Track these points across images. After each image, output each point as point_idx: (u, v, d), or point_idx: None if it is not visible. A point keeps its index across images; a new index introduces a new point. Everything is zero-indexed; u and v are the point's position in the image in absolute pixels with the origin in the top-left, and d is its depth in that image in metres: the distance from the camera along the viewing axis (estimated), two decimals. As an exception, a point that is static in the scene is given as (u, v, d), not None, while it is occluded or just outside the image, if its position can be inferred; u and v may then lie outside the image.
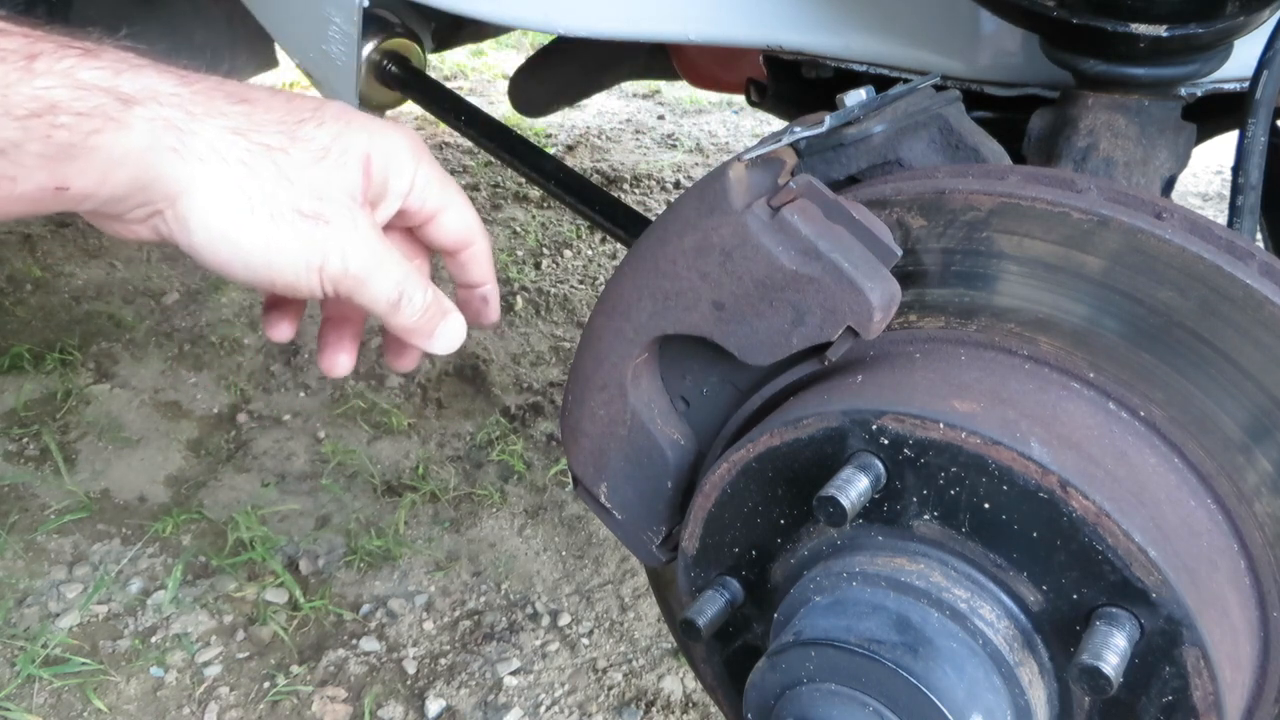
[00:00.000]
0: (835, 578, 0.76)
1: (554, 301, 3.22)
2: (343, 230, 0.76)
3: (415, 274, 0.82)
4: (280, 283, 0.76)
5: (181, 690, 1.92)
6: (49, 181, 0.66)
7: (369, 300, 0.80)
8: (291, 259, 0.75)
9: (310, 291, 0.77)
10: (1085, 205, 0.75)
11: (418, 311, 0.83)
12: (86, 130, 0.66)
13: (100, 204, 0.70)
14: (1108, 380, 0.76)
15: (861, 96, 0.86)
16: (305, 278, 0.76)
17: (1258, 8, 0.91)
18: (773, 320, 0.78)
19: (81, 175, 0.67)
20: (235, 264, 0.74)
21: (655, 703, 1.93)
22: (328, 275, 0.76)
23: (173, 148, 0.70)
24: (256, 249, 0.74)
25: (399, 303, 0.81)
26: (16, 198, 0.66)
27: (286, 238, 0.74)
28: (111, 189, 0.69)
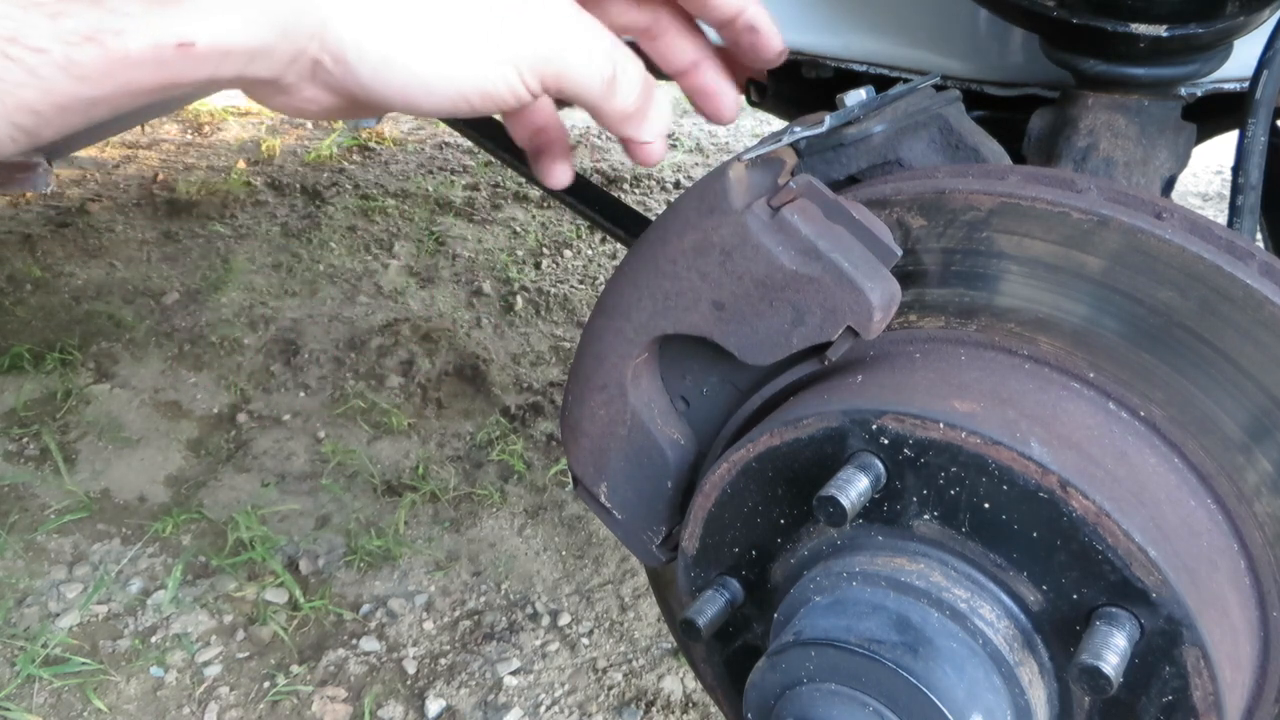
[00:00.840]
0: (835, 578, 0.76)
1: (554, 301, 3.22)
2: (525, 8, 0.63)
3: (624, 46, 0.68)
4: (474, 96, 0.63)
5: (181, 690, 1.92)
6: (166, 35, 0.55)
7: (579, 83, 0.66)
8: (477, 62, 0.62)
9: (512, 95, 0.64)
10: (1085, 205, 0.75)
11: (636, 87, 0.69)
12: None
13: (244, 65, 0.58)
14: (1108, 380, 0.76)
15: (861, 96, 0.86)
16: (501, 79, 0.63)
17: (1258, 8, 0.91)
18: (773, 320, 0.78)
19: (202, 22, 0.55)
20: (414, 90, 0.62)
21: (655, 703, 1.93)
22: (526, 66, 0.63)
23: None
24: (432, 64, 0.61)
25: (614, 80, 0.67)
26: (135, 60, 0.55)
27: (463, 37, 0.62)
28: (247, 37, 0.57)
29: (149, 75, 0.56)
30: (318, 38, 0.59)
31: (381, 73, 0.61)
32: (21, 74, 0.53)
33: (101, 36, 0.54)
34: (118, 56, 0.54)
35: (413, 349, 2.91)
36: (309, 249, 3.44)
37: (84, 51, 0.53)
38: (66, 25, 0.53)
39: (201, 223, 3.57)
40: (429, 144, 4.30)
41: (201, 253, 3.38)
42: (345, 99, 0.63)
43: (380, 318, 3.06)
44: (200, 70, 0.57)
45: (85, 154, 3.95)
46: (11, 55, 0.52)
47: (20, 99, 0.53)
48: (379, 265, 3.37)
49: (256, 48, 0.58)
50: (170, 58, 0.56)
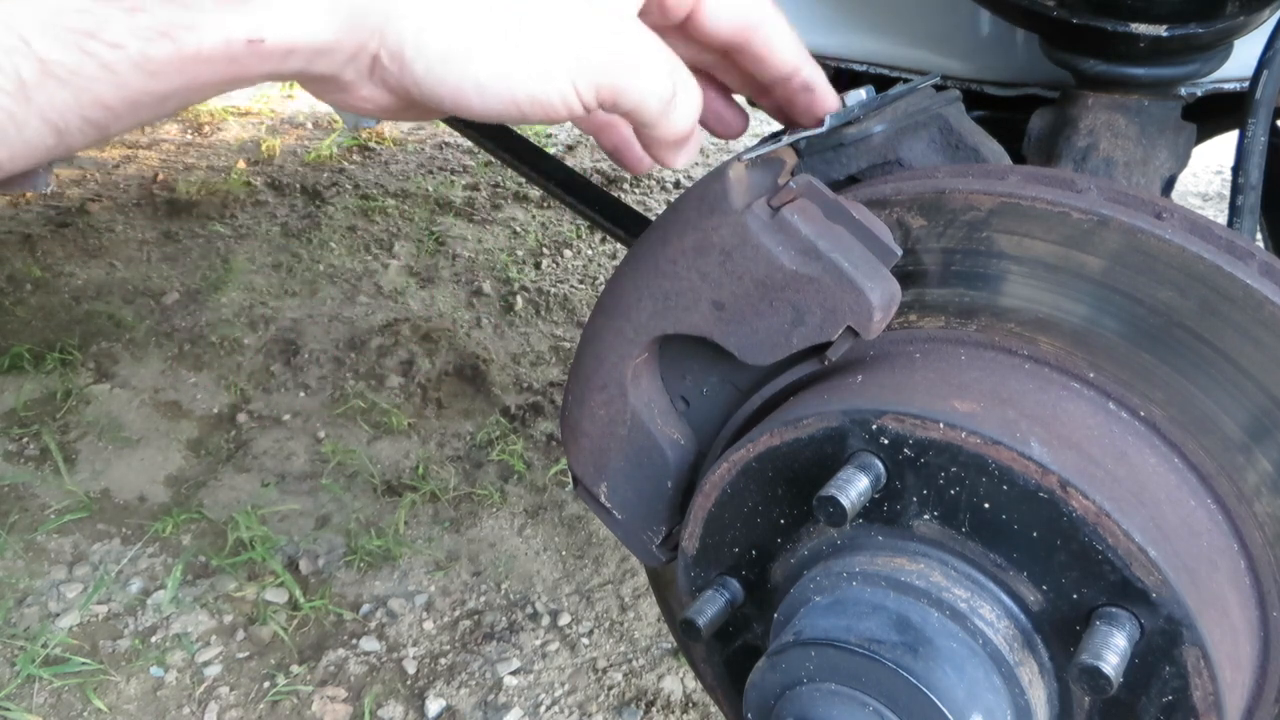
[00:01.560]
0: (835, 578, 0.76)
1: (554, 301, 3.22)
2: (589, 21, 0.62)
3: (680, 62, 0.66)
4: (526, 103, 0.62)
5: (181, 690, 1.92)
6: (237, 31, 0.55)
7: (637, 101, 0.64)
8: (534, 69, 0.61)
9: (565, 106, 0.63)
10: (1085, 205, 0.75)
11: (694, 108, 0.67)
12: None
13: (308, 61, 0.59)
14: (1108, 380, 0.76)
15: (861, 96, 0.86)
16: (555, 89, 0.62)
17: (1258, 8, 0.91)
18: (772, 320, 0.78)
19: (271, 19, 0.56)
20: (467, 89, 0.61)
21: (655, 703, 1.93)
22: (584, 79, 0.62)
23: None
24: (488, 66, 0.60)
25: (673, 101, 0.65)
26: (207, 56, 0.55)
27: (523, 42, 0.61)
28: (313, 34, 0.57)
29: (218, 71, 0.57)
30: (379, 33, 0.59)
31: (436, 70, 0.60)
32: (96, 69, 0.53)
33: (175, 32, 0.54)
34: (190, 53, 0.55)
35: (413, 349, 2.91)
36: (309, 249, 3.44)
37: (158, 47, 0.54)
38: (142, 21, 0.53)
39: (201, 223, 3.57)
40: (429, 144, 4.30)
41: (201, 253, 3.38)
42: (401, 97, 0.63)
43: (380, 318, 3.06)
44: (265, 66, 0.58)
45: (85, 154, 3.95)
46: (89, 50, 0.53)
47: (95, 94, 0.54)
48: (379, 265, 3.37)
49: (321, 45, 0.58)
50: (240, 54, 0.56)
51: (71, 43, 0.53)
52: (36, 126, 0.54)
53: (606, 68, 0.63)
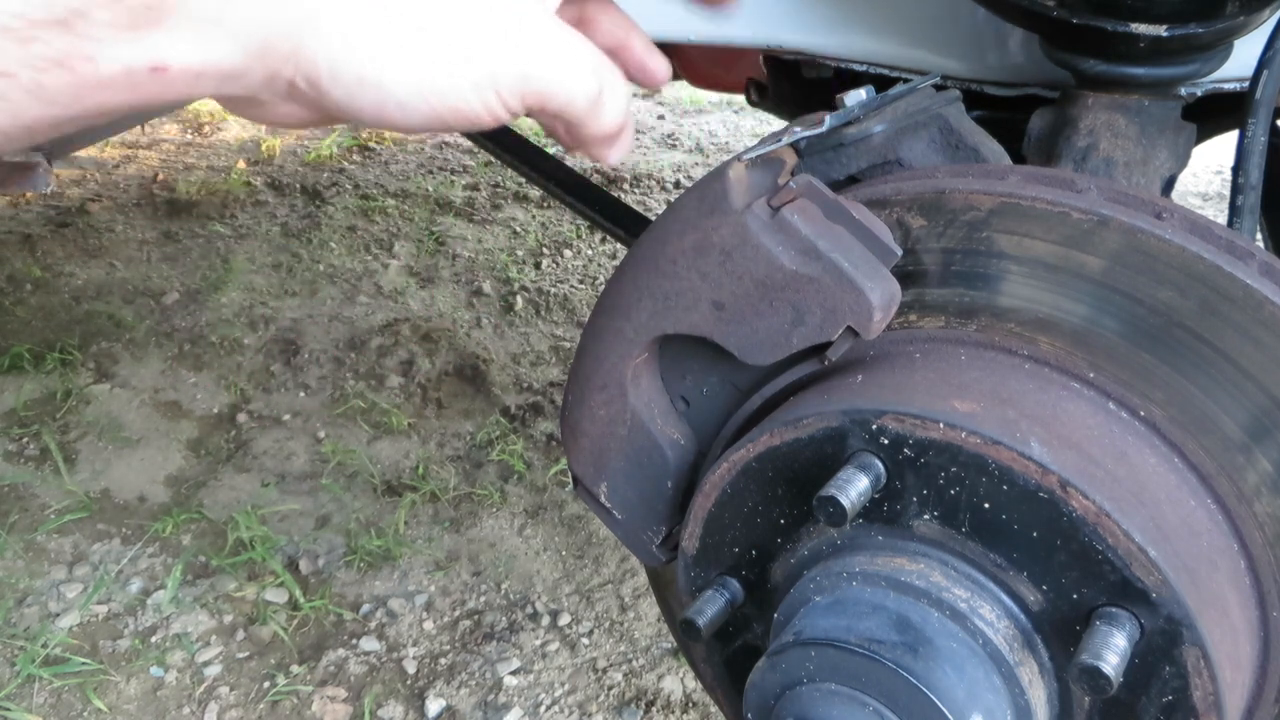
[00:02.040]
0: (835, 578, 0.76)
1: (554, 301, 3.22)
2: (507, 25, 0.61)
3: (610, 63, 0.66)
4: (449, 115, 0.61)
5: (181, 690, 1.92)
6: (138, 59, 0.54)
7: (563, 102, 0.64)
8: (454, 82, 0.60)
9: (490, 114, 0.62)
10: (1085, 205, 0.75)
11: (622, 103, 0.66)
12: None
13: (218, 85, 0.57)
14: (1108, 380, 0.76)
15: (861, 96, 0.86)
16: (478, 99, 0.61)
17: (1258, 8, 0.91)
18: (772, 320, 0.78)
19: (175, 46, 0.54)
20: (389, 109, 0.60)
21: (655, 703, 1.93)
22: (506, 86, 0.61)
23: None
24: (404, 82, 0.59)
25: (600, 97, 0.65)
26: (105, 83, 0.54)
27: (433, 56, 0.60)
28: (221, 60, 0.56)
29: (120, 96, 0.55)
30: (291, 60, 0.59)
31: (355, 92, 0.60)
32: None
33: (72, 62, 0.53)
34: (89, 81, 0.53)
35: (413, 349, 2.91)
36: (309, 249, 3.44)
37: (53, 76, 0.53)
38: (36, 51, 0.52)
39: (201, 223, 3.57)
40: (429, 144, 4.30)
41: (201, 253, 3.38)
42: (321, 114, 0.63)
43: (380, 318, 3.06)
44: (173, 90, 0.56)
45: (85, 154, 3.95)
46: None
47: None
48: (379, 265, 3.37)
49: (230, 70, 0.57)
50: (142, 80, 0.55)
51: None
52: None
53: (529, 72, 0.62)
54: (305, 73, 0.59)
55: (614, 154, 0.71)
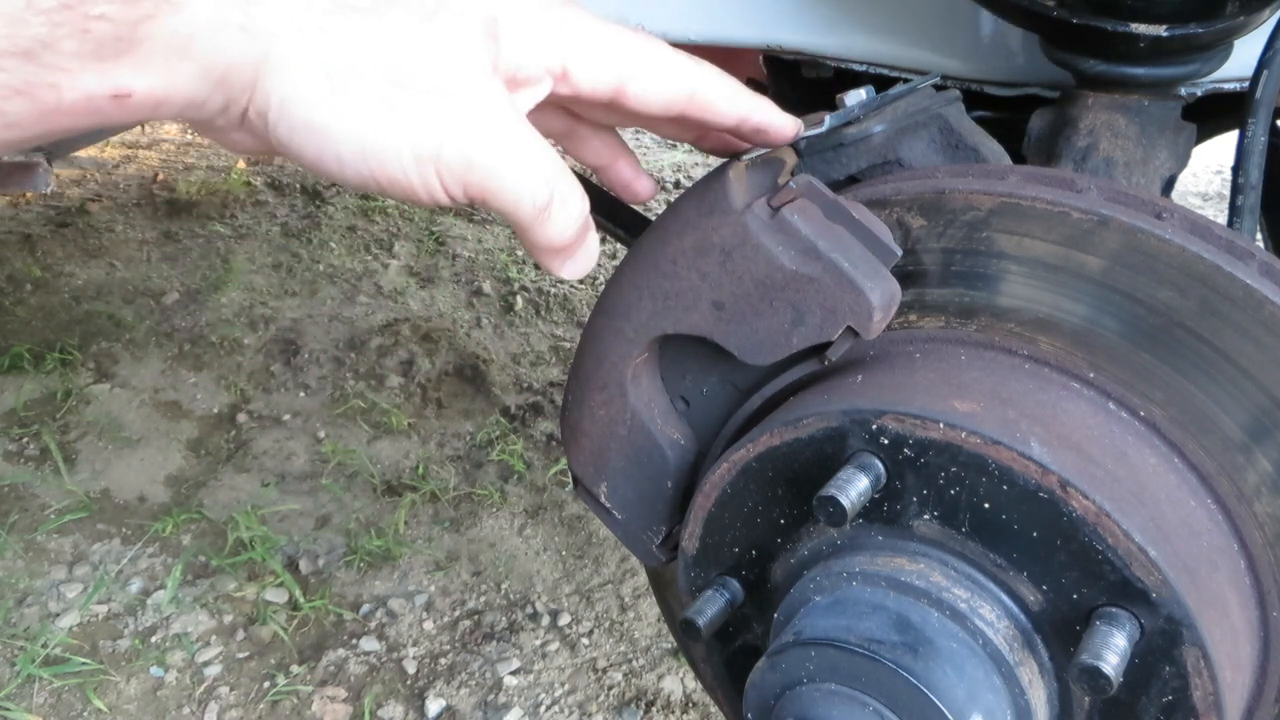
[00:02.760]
0: (835, 578, 0.76)
1: (554, 301, 3.22)
2: (461, 106, 0.60)
3: (567, 170, 0.64)
4: (386, 182, 0.61)
5: (181, 690, 1.92)
6: (102, 87, 0.54)
7: (507, 203, 0.63)
8: (392, 145, 0.60)
9: (427, 193, 0.61)
10: (1085, 205, 0.75)
11: (574, 220, 0.66)
12: (133, 18, 0.53)
13: (179, 110, 0.58)
14: (1108, 380, 0.76)
15: (861, 96, 0.86)
16: (415, 170, 0.60)
17: (1258, 8, 0.91)
18: (772, 320, 0.78)
19: (140, 75, 0.54)
20: (327, 158, 0.60)
21: (655, 703, 1.93)
22: (446, 167, 0.60)
23: (240, 25, 0.56)
24: (347, 135, 0.59)
25: (548, 207, 0.64)
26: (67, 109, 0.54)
27: (381, 117, 0.59)
28: (183, 89, 0.56)
29: (80, 120, 0.55)
30: (248, 91, 0.59)
31: (299, 136, 0.60)
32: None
33: (35, 90, 0.53)
34: (50, 107, 0.53)
35: (413, 349, 2.91)
36: (309, 249, 3.44)
37: (15, 104, 0.53)
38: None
39: (201, 223, 3.57)
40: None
41: (201, 253, 3.38)
42: (266, 147, 0.63)
43: (380, 318, 3.06)
44: (133, 115, 0.57)
45: (85, 154, 3.95)
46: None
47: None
48: (379, 265, 3.37)
49: (191, 97, 0.57)
50: (104, 106, 0.55)
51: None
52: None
53: (474, 164, 0.61)
54: (258, 106, 0.59)
55: (565, 269, 0.70)
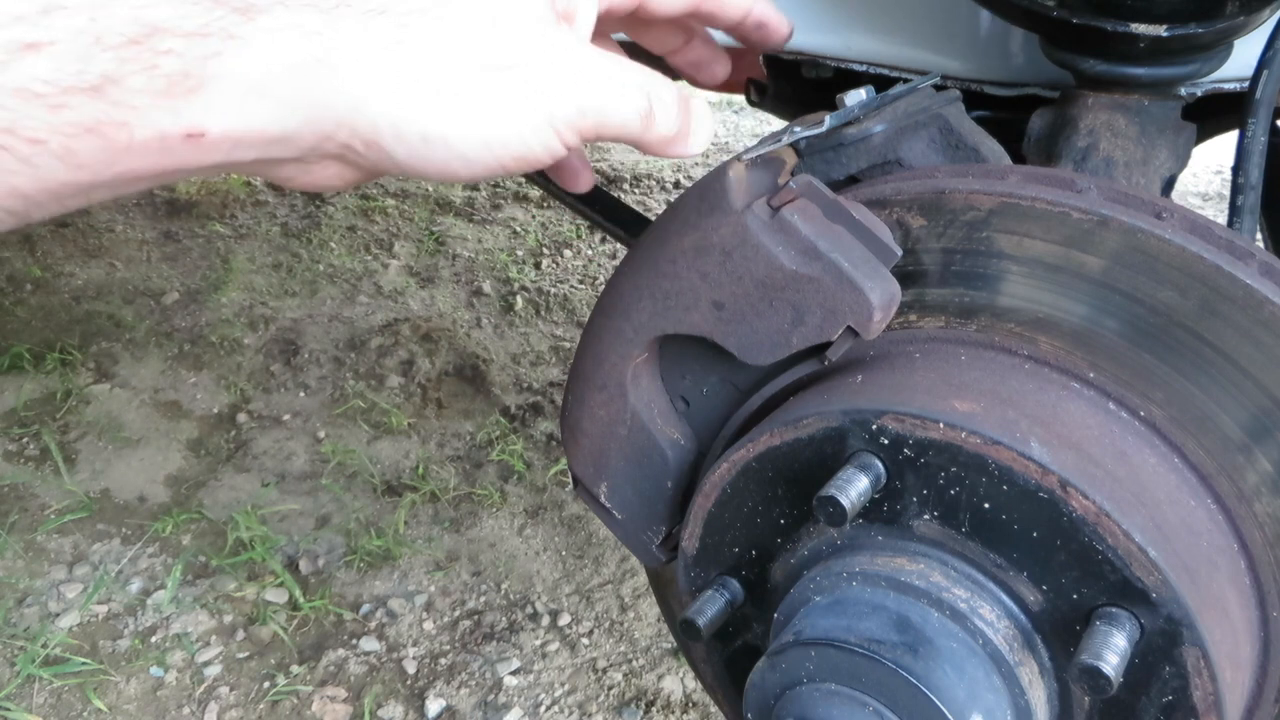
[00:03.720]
0: (835, 578, 0.76)
1: (554, 301, 3.22)
2: (552, 64, 0.62)
3: (652, 73, 0.67)
4: (513, 161, 0.63)
5: (181, 690, 1.92)
6: (174, 126, 0.54)
7: (617, 128, 0.66)
8: (514, 128, 0.61)
9: (550, 153, 0.64)
10: (1085, 205, 0.75)
11: (673, 113, 0.69)
12: (201, 54, 0.53)
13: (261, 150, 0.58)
14: (1108, 380, 0.76)
15: (861, 96, 0.86)
16: (536, 140, 0.63)
17: (1258, 8, 0.91)
18: (772, 320, 0.78)
19: (214, 114, 0.54)
20: (455, 164, 0.61)
21: (655, 703, 1.93)
22: (563, 123, 0.63)
23: (317, 59, 0.56)
24: (468, 135, 0.60)
25: (651, 113, 0.67)
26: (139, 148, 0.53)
27: (494, 106, 0.60)
28: (263, 128, 0.56)
29: (152, 162, 0.55)
30: (347, 124, 0.59)
31: (419, 151, 0.60)
32: (14, 162, 0.51)
33: (104, 128, 0.52)
34: (120, 146, 0.53)
35: (413, 349, 2.91)
36: (309, 249, 3.44)
37: (83, 142, 0.52)
38: (67, 117, 0.51)
39: (201, 223, 3.57)
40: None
41: (201, 253, 3.38)
42: (368, 174, 0.63)
43: (380, 318, 3.06)
44: (210, 157, 0.56)
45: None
46: (5, 145, 0.51)
47: (11, 185, 0.52)
48: (379, 265, 3.37)
49: (276, 135, 0.57)
50: (176, 146, 0.54)
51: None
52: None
53: (583, 105, 0.63)
54: (364, 136, 0.59)
55: (686, 147, 0.72)
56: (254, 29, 0.54)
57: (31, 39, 0.50)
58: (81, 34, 0.51)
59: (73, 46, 0.51)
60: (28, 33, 0.50)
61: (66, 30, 0.51)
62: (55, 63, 0.50)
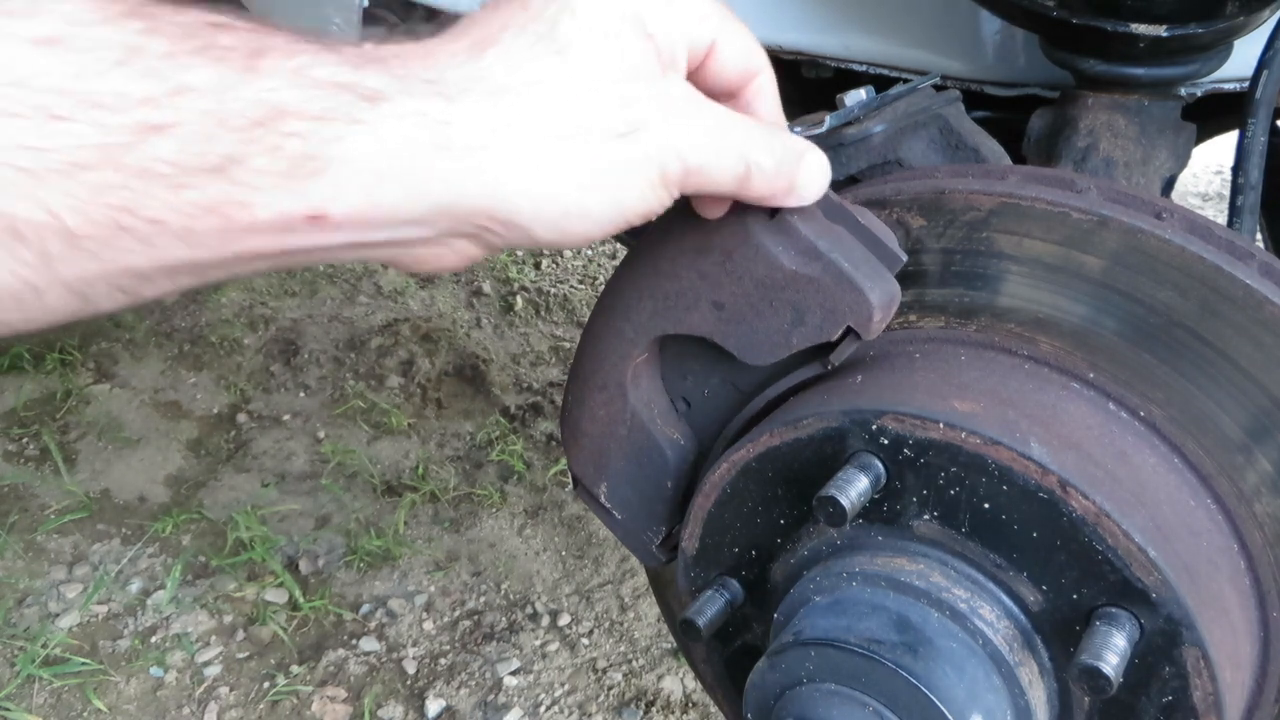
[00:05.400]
0: (835, 578, 0.76)
1: (554, 301, 3.22)
2: (665, 122, 0.63)
3: (752, 128, 0.68)
4: (638, 218, 0.64)
5: (181, 690, 1.92)
6: (296, 207, 0.54)
7: (715, 186, 0.67)
8: (638, 189, 0.63)
9: (660, 208, 0.65)
10: (1085, 205, 0.75)
11: (770, 173, 0.69)
12: (326, 138, 0.53)
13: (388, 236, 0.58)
14: (1107, 380, 0.76)
15: (861, 96, 0.86)
16: (656, 197, 0.64)
17: (1258, 8, 0.91)
18: (772, 320, 0.78)
19: (335, 196, 0.54)
20: (592, 231, 0.63)
21: (655, 703, 1.93)
22: (671, 182, 0.64)
23: (442, 146, 0.57)
24: (603, 203, 0.62)
25: (748, 176, 0.68)
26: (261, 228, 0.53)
27: (621, 171, 0.62)
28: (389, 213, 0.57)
29: (271, 243, 0.55)
30: (484, 209, 0.59)
31: (559, 224, 0.61)
32: (133, 243, 0.52)
33: (224, 208, 0.52)
34: (239, 226, 0.53)
35: (413, 349, 2.91)
36: (309, 249, 3.44)
37: (203, 222, 0.52)
38: (188, 197, 0.52)
39: (201, 223, 3.56)
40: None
41: (201, 253, 3.37)
42: (497, 251, 0.64)
43: (380, 318, 3.06)
44: (333, 238, 0.56)
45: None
46: (125, 225, 0.51)
47: (127, 264, 0.52)
48: (379, 265, 3.37)
49: (405, 218, 0.57)
50: (298, 227, 0.54)
51: (106, 218, 0.50)
52: (59, 294, 0.52)
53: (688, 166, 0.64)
54: (501, 218, 0.60)
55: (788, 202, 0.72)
56: (378, 115, 0.55)
57: (157, 120, 0.50)
58: (207, 115, 0.51)
59: (198, 128, 0.51)
60: (153, 114, 0.50)
61: (192, 112, 0.51)
62: (179, 143, 0.51)
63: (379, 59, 0.57)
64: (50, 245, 0.50)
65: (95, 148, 0.49)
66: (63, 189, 0.49)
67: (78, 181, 0.50)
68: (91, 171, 0.49)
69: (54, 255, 0.51)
